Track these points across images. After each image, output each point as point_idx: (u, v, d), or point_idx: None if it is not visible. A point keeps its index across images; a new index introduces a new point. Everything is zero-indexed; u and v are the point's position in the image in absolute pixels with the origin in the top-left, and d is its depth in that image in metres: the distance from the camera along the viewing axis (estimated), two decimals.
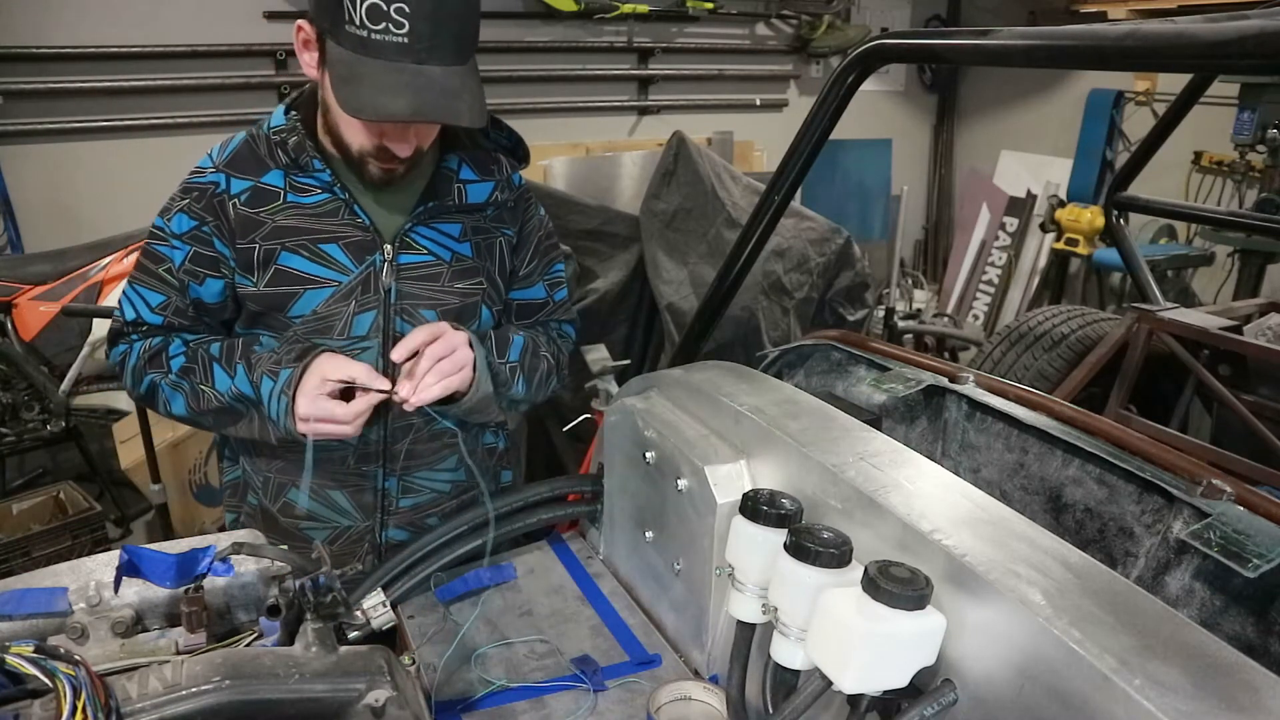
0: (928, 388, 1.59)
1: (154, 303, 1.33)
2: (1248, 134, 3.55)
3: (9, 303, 2.92)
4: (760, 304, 2.99)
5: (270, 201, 1.28)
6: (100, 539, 2.64)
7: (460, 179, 1.34)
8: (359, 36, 1.07)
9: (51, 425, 2.96)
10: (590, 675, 1.17)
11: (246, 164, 1.29)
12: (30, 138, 3.50)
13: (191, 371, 1.31)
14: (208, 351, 1.32)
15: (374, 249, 1.30)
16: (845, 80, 1.51)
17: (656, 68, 4.78)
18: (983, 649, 0.77)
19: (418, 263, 1.33)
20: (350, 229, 1.29)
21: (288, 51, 3.85)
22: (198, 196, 1.29)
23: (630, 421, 1.30)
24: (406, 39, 1.06)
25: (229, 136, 1.33)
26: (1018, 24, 2.76)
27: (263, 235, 1.27)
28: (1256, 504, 1.16)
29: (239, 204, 1.28)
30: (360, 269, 1.29)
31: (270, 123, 1.28)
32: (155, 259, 1.33)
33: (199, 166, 1.32)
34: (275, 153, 1.27)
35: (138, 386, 1.36)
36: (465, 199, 1.35)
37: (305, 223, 1.28)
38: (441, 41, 1.09)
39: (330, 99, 1.17)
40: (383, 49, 1.07)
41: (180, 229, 1.30)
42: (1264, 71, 2.68)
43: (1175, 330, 2.26)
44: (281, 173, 1.28)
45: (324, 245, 1.28)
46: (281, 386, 1.23)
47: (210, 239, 1.29)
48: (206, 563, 0.90)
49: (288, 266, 1.28)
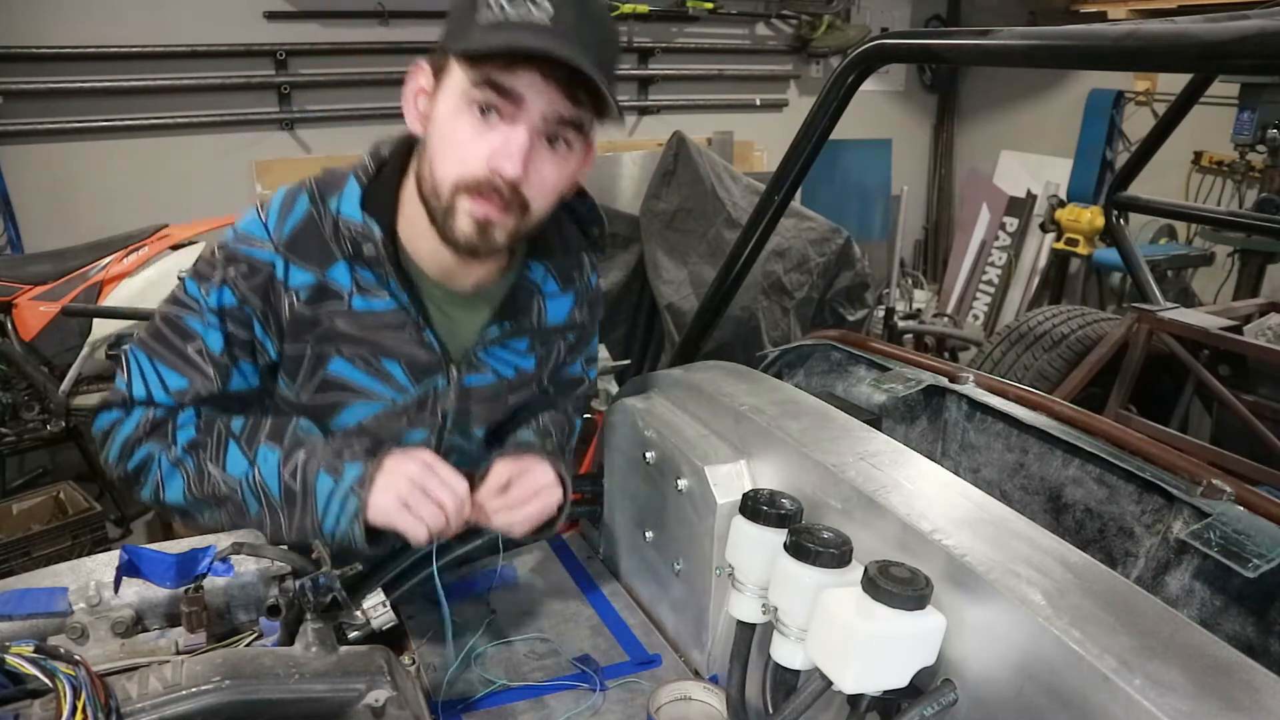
0: (928, 388, 1.59)
1: (172, 385, 1.10)
2: (1248, 134, 3.55)
3: (9, 303, 2.93)
4: (760, 304, 2.99)
5: (332, 300, 1.10)
6: (100, 539, 2.65)
7: (542, 292, 1.23)
8: (494, 20, 0.94)
9: (51, 425, 2.97)
10: (591, 675, 1.17)
11: (310, 249, 1.08)
12: (30, 138, 3.50)
13: (201, 447, 1.08)
14: (226, 425, 1.10)
15: (438, 371, 1.17)
16: (845, 80, 1.51)
17: (656, 68, 4.78)
18: (983, 649, 0.77)
19: (481, 384, 1.22)
20: (416, 348, 1.14)
21: (288, 51, 3.86)
22: (247, 272, 1.07)
23: (630, 421, 1.30)
24: (549, 21, 0.93)
25: (286, 195, 1.11)
26: (1018, 24, 2.76)
27: (316, 337, 1.11)
28: (1256, 504, 1.16)
29: (297, 300, 1.08)
30: (419, 389, 1.17)
31: (341, 208, 1.08)
32: (183, 334, 1.09)
33: (248, 233, 1.09)
34: (344, 243, 1.08)
35: (125, 460, 1.10)
36: (544, 320, 1.24)
37: (366, 332, 1.11)
38: (586, 33, 0.95)
39: (437, 120, 1.02)
40: (521, 28, 0.93)
41: (219, 303, 1.08)
42: (1264, 71, 2.68)
43: (1175, 330, 2.26)
44: (347, 265, 1.09)
45: (385, 360, 1.14)
46: (350, 485, 1.03)
47: (251, 321, 1.10)
48: (206, 563, 0.90)
49: (338, 375, 1.13)
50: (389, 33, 4.05)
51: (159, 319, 1.12)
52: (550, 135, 1.01)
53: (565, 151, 1.04)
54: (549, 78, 0.95)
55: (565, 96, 0.97)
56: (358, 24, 3.99)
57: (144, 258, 3.07)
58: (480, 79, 0.96)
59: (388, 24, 4.02)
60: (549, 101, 0.97)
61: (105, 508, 2.78)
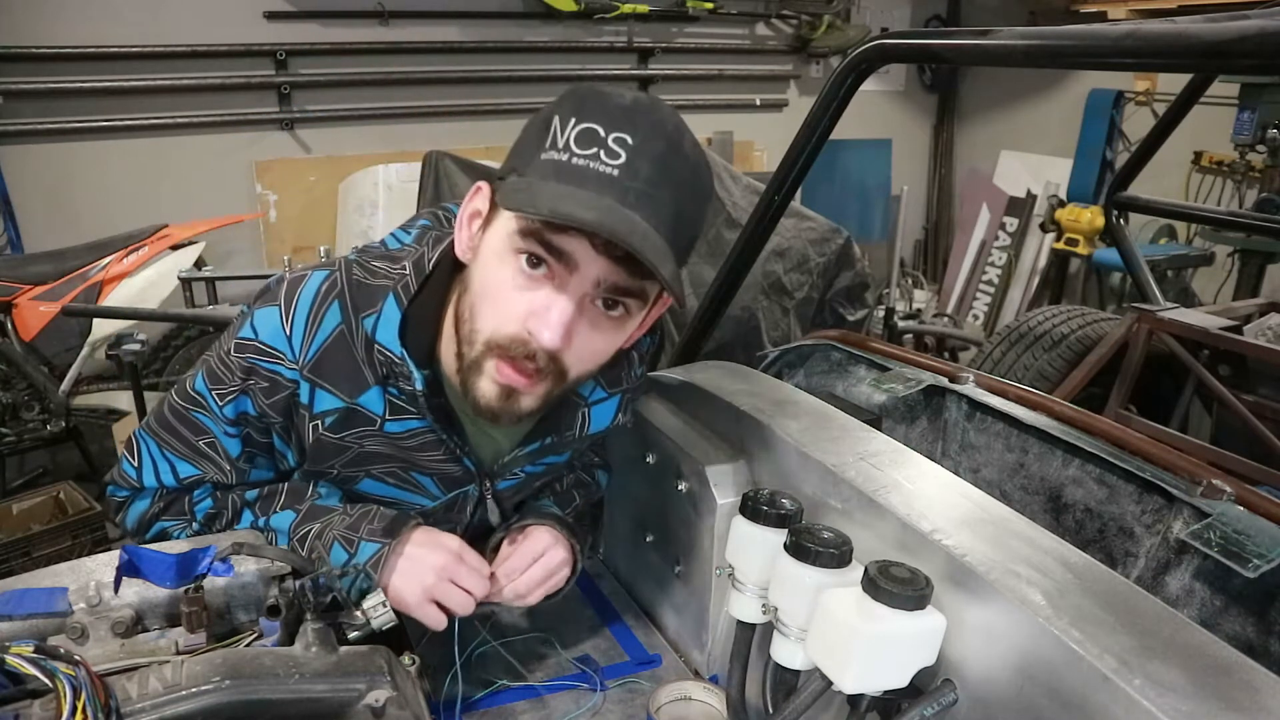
0: (928, 388, 1.59)
1: (184, 474, 1.04)
2: (1248, 134, 3.55)
3: (9, 303, 2.92)
4: (760, 304, 2.99)
5: (363, 425, 1.00)
6: (100, 539, 2.64)
7: (587, 402, 1.10)
8: (554, 161, 0.82)
9: (51, 425, 2.97)
10: (591, 675, 1.17)
11: (338, 374, 0.97)
12: (30, 138, 3.50)
13: (218, 519, 1.06)
14: (241, 495, 1.06)
15: (471, 482, 1.11)
16: (845, 80, 1.51)
17: (656, 68, 4.78)
18: (983, 649, 0.77)
19: (511, 486, 1.16)
20: (450, 465, 1.07)
21: (288, 51, 3.86)
22: (268, 389, 0.97)
23: (630, 421, 1.30)
24: (617, 172, 0.80)
25: (315, 301, 0.96)
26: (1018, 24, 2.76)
27: (344, 461, 1.03)
28: (1256, 504, 1.16)
29: (322, 426, 0.99)
30: (449, 496, 1.12)
31: (377, 333, 0.95)
32: (195, 429, 1.02)
33: (269, 346, 0.96)
34: (378, 369, 0.97)
35: (141, 533, 1.07)
36: (588, 429, 1.12)
37: (399, 451, 1.03)
38: (661, 196, 0.82)
39: (480, 262, 0.89)
40: (582, 176, 0.80)
41: (236, 411, 0.99)
42: (1264, 71, 2.68)
43: (1175, 330, 2.26)
44: (380, 390, 0.98)
45: (416, 474, 1.07)
46: (365, 564, 0.98)
47: (268, 430, 1.02)
48: (206, 563, 0.90)
49: (366, 491, 1.08)
50: (389, 33, 4.05)
51: (168, 410, 1.04)
52: (606, 301, 0.88)
53: (621, 316, 0.90)
54: (603, 249, 0.83)
55: (624, 268, 0.84)
56: (358, 24, 3.99)
57: (144, 258, 3.07)
58: (529, 228, 0.84)
59: (388, 24, 4.03)
60: (605, 269, 0.84)
61: (105, 508, 2.78)
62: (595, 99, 0.84)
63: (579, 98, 0.84)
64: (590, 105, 0.83)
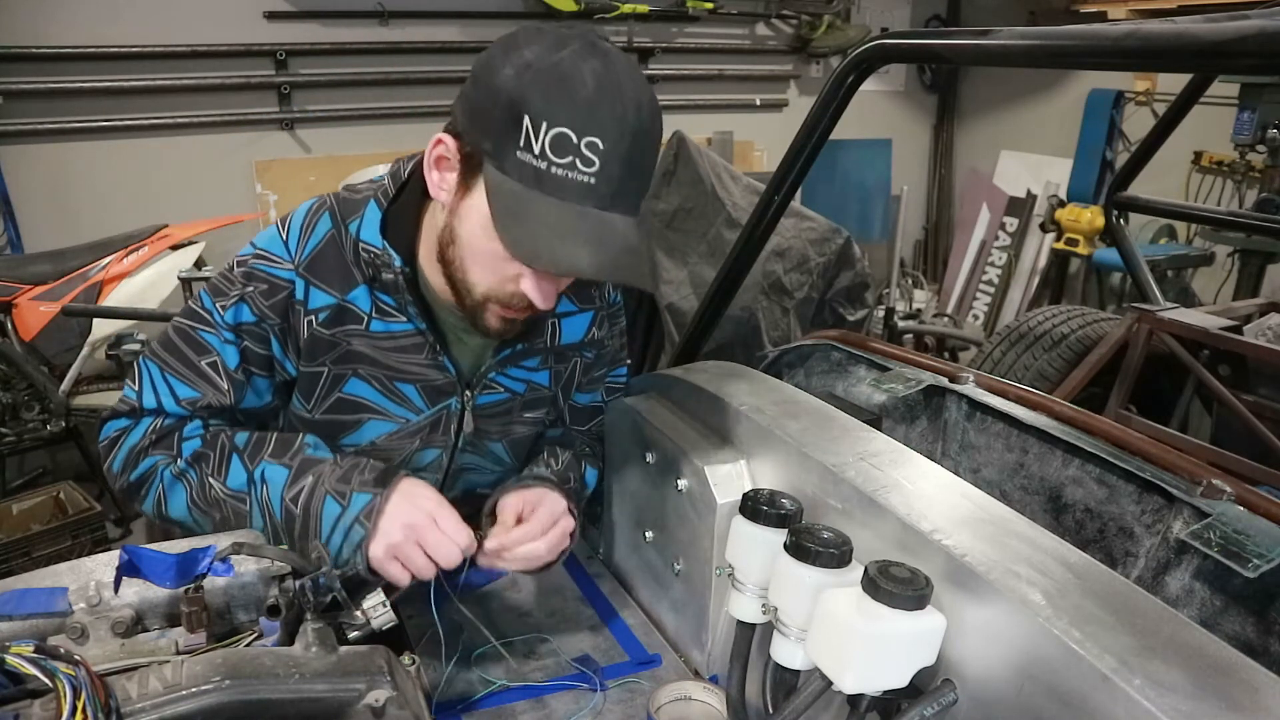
0: (928, 388, 1.59)
1: (183, 396, 1.11)
2: (1248, 134, 3.55)
3: (9, 303, 2.93)
4: (760, 304, 2.99)
5: (352, 323, 1.11)
6: (100, 539, 2.65)
7: (557, 313, 1.21)
8: (534, 167, 0.90)
9: (51, 425, 2.97)
10: (591, 675, 1.17)
11: (330, 272, 1.09)
12: (30, 138, 3.50)
13: (205, 460, 1.09)
14: (230, 439, 1.10)
15: (452, 394, 1.19)
16: (845, 80, 1.51)
17: (656, 68, 4.78)
18: (983, 649, 0.77)
19: (494, 401, 1.23)
20: (432, 371, 1.16)
21: (288, 51, 3.86)
22: (267, 291, 1.09)
23: (630, 421, 1.30)
24: (594, 180, 0.90)
25: (308, 215, 1.11)
26: (1018, 24, 2.76)
27: (334, 358, 1.12)
28: (1256, 504, 1.16)
29: (316, 322, 1.10)
30: (432, 411, 1.19)
31: (361, 233, 1.08)
32: (198, 348, 1.10)
33: (268, 251, 1.10)
34: (364, 266, 1.09)
35: (128, 471, 1.11)
36: (559, 339, 1.24)
37: (383, 355, 1.13)
38: (628, 189, 0.94)
39: (466, 230, 0.99)
40: (562, 186, 0.90)
41: (236, 319, 1.09)
42: (1264, 71, 2.68)
43: (1175, 330, 2.26)
44: (367, 289, 1.10)
45: (399, 383, 1.15)
46: (357, 515, 1.02)
47: (268, 338, 1.11)
48: (206, 563, 0.90)
49: (354, 395, 1.15)
50: (389, 33, 4.05)
51: (172, 331, 1.13)
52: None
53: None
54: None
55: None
56: (358, 24, 3.99)
57: (144, 258, 3.07)
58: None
59: (387, 24, 4.03)
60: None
61: (105, 508, 2.78)
62: (559, 88, 0.89)
63: (543, 87, 0.89)
64: (556, 100, 0.89)
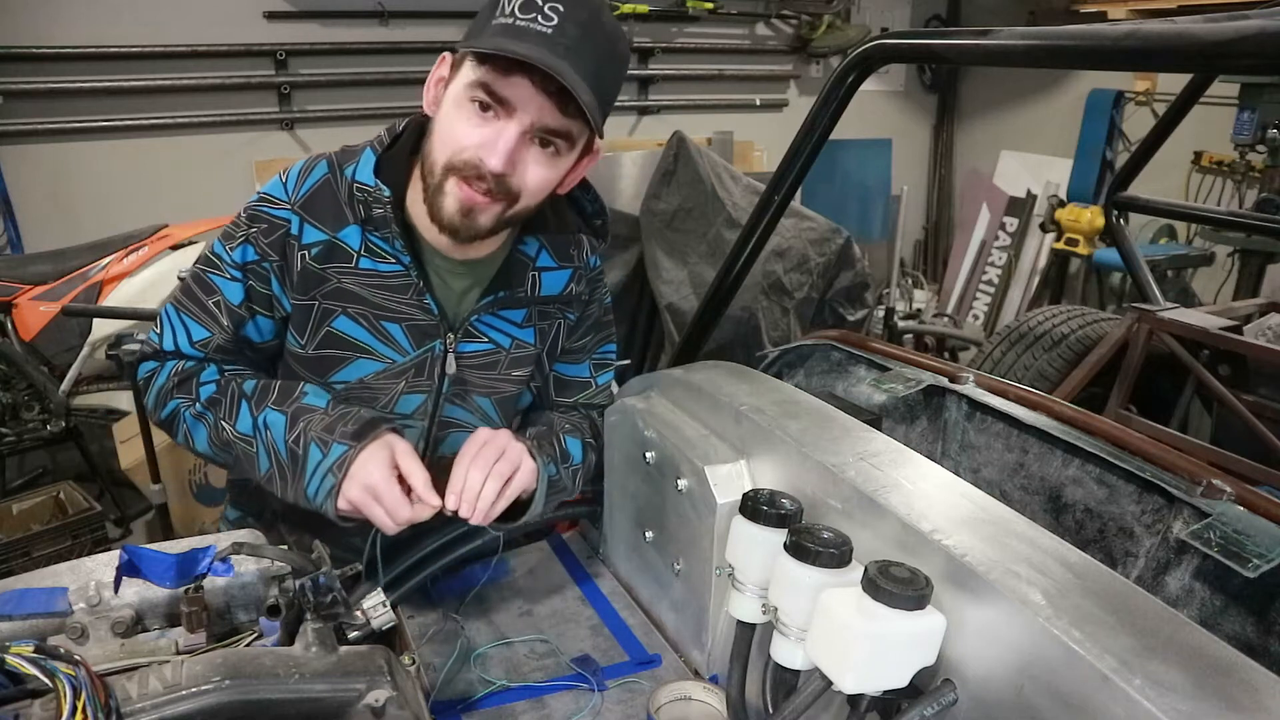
0: (928, 388, 1.59)
1: (196, 337, 1.22)
2: (1248, 134, 3.55)
3: (9, 303, 2.92)
4: (760, 304, 2.99)
5: (341, 260, 1.19)
6: (100, 539, 2.64)
7: (536, 266, 1.27)
8: (504, 24, 1.02)
9: (51, 425, 2.96)
10: (590, 675, 1.17)
11: (324, 211, 1.18)
12: (30, 138, 3.51)
13: (218, 404, 1.19)
14: (240, 386, 1.20)
15: (436, 335, 1.24)
16: (845, 80, 1.51)
17: (656, 68, 4.78)
18: (983, 649, 0.77)
19: (478, 351, 1.28)
20: (416, 311, 1.21)
21: (288, 51, 3.87)
22: (267, 229, 1.18)
23: (630, 421, 1.30)
24: (551, 31, 1.01)
25: (307, 161, 1.21)
26: (1018, 24, 2.76)
27: (324, 294, 1.20)
28: (1256, 504, 1.16)
29: (308, 256, 1.18)
30: (417, 353, 1.24)
31: (356, 174, 1.16)
32: (207, 289, 1.22)
33: (269, 194, 1.20)
34: (356, 206, 1.17)
35: (160, 410, 1.25)
36: (539, 290, 1.28)
37: (371, 293, 1.20)
38: (584, 51, 1.02)
39: (442, 114, 1.10)
40: (525, 34, 1.01)
41: (242, 259, 1.20)
42: (1264, 71, 2.68)
43: (1175, 330, 2.26)
44: (359, 229, 1.18)
45: (385, 322, 1.21)
46: (331, 464, 1.10)
47: (269, 277, 1.20)
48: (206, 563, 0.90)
49: (342, 331, 1.22)
50: (389, 33, 4.05)
51: (189, 277, 1.25)
52: (541, 140, 1.08)
53: (554, 153, 1.10)
54: (540, 88, 1.02)
55: (555, 107, 1.04)
56: (358, 24, 3.99)
57: (144, 258, 3.07)
58: (479, 80, 1.04)
59: (387, 24, 4.03)
60: (538, 110, 1.04)
61: (105, 508, 2.78)
62: None
63: None
64: None
